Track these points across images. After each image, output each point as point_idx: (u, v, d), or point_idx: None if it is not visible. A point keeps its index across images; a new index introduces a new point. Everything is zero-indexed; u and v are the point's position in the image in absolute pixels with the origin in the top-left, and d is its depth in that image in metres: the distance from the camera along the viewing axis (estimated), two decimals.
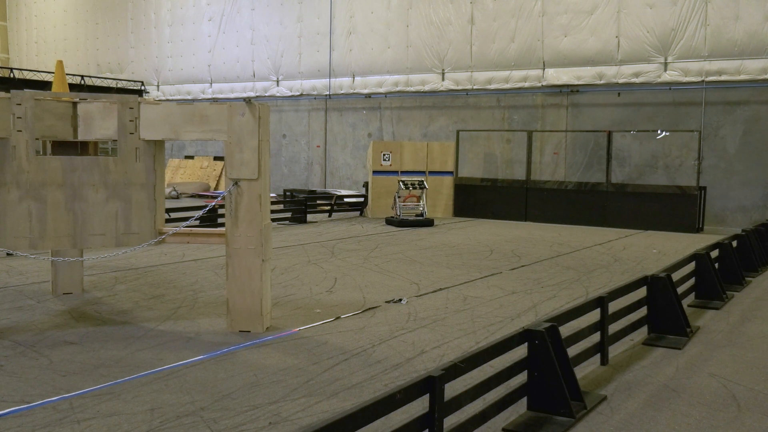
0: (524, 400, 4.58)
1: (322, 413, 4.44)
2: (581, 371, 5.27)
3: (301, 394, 4.82)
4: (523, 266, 10.32)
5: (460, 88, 20.33)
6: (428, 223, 15.54)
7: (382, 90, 21.81)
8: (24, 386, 4.90)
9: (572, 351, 5.03)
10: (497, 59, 19.59)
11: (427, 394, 3.63)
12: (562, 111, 18.79)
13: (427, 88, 20.94)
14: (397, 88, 21.49)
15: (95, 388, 4.87)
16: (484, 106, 20.08)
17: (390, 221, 15.68)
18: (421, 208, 15.87)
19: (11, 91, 6.43)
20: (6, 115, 6.23)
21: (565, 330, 5.01)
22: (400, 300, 7.80)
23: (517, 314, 7.27)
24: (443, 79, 20.64)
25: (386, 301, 7.74)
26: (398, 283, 8.83)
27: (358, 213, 18.02)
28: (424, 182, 16.08)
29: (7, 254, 8.96)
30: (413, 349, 5.94)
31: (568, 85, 18.56)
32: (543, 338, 4.55)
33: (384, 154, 17.21)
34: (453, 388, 3.92)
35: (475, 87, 20.05)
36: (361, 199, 18.39)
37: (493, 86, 19.74)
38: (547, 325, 4.67)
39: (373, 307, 7.46)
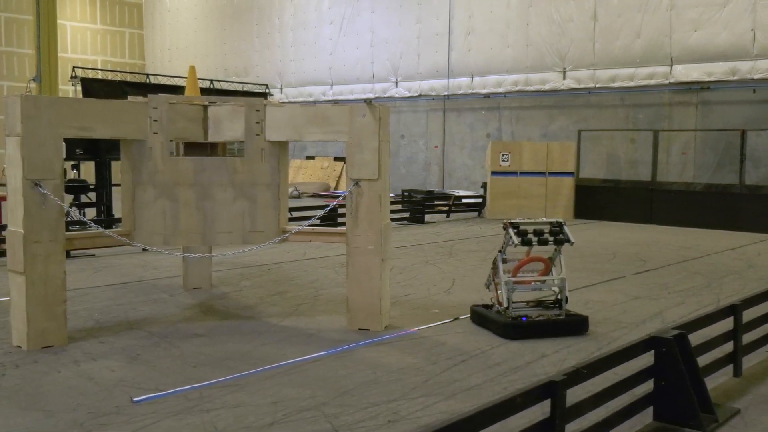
0: (650, 410, 4.42)
1: (440, 414, 4.44)
2: (712, 382, 5.01)
3: (420, 394, 4.84)
4: (647, 271, 9.94)
5: (581, 86, 19.82)
6: (576, 327, 6.51)
7: (500, 90, 21.57)
8: (158, 375, 5.17)
9: (702, 360, 4.80)
10: (621, 56, 18.95)
11: (548, 399, 3.56)
12: (691, 109, 17.96)
13: (547, 87, 20.54)
14: (516, 88, 21.19)
15: (222, 380, 5.07)
16: (606, 104, 19.48)
17: (481, 319, 6.72)
18: (557, 291, 6.68)
19: (148, 95, 6.79)
20: (143, 118, 6.59)
21: (694, 338, 4.78)
22: None
23: (642, 320, 7.01)
24: (564, 78, 20.18)
25: None
26: None
27: (476, 214, 17.92)
28: (565, 229, 6.80)
29: (143, 250, 9.47)
30: (533, 353, 5.84)
31: (697, 82, 17.72)
32: (671, 346, 4.36)
33: (503, 155, 17.02)
34: (574, 394, 3.83)
35: (597, 85, 19.48)
36: (479, 200, 18.27)
37: (616, 84, 19.12)
38: (676, 332, 4.48)
39: None
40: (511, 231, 6.67)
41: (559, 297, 6.65)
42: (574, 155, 17.44)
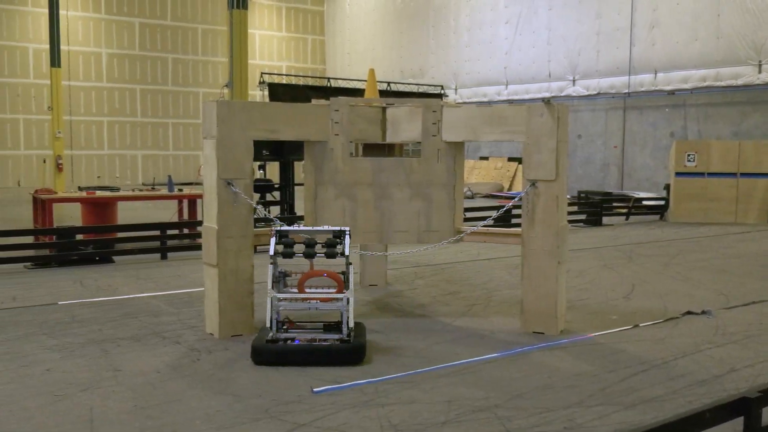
0: None
1: (617, 424, 4.28)
2: None
3: (596, 402, 4.68)
4: None
5: None
6: (349, 355, 5.44)
7: (686, 86, 20.40)
8: (336, 368, 5.36)
9: None
10: None
11: (741, 417, 3.33)
12: None
13: (740, 82, 19.17)
14: (705, 84, 19.96)
15: (397, 376, 5.18)
16: None
17: (254, 346, 5.47)
18: (343, 311, 5.69)
19: (330, 98, 7.07)
20: (325, 120, 6.87)
21: None
22: (706, 312, 7.23)
23: None
24: (759, 72, 18.75)
25: (690, 312, 7.23)
26: (703, 293, 8.20)
27: (657, 217, 17.07)
28: (346, 241, 5.89)
29: None
30: (721, 366, 5.48)
31: None
32: None
33: (688, 155, 16.08)
34: None
35: None
36: (662, 202, 17.39)
37: None
38: None
39: (674, 318, 7.01)
40: (272, 240, 5.88)
41: (344, 319, 5.70)
42: None
